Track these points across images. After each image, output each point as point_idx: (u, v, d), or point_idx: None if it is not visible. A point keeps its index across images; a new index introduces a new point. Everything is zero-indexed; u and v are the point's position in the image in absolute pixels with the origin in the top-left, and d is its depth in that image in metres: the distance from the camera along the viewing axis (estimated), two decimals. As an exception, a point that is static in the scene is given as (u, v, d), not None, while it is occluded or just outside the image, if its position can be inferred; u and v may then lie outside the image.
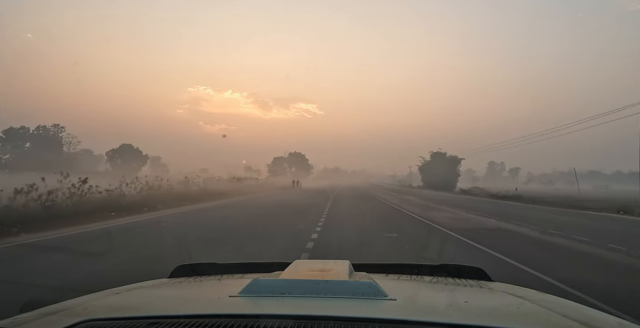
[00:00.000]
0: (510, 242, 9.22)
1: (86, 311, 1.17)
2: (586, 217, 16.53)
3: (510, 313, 1.21)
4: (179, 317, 1.01)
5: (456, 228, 11.03)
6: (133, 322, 1.00)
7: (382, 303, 1.15)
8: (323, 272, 1.41)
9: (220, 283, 1.62)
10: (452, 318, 1.05)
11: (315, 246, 7.71)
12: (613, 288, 5.12)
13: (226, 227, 11.55)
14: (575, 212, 19.01)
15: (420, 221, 13.28)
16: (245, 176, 53.62)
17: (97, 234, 9.54)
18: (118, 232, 10.06)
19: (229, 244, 8.18)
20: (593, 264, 6.91)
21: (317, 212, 15.26)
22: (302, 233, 9.48)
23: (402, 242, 8.64)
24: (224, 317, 1.00)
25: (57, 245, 8.10)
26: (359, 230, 10.79)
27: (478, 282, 1.63)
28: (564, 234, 10.14)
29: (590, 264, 6.91)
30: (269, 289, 1.21)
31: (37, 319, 1.10)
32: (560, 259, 7.35)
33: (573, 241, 9.14)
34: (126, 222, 11.82)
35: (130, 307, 1.30)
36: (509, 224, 12.49)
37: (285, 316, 1.00)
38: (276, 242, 8.48)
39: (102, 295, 1.44)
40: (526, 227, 11.70)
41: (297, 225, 11.34)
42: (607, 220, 15.63)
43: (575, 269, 6.44)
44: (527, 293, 1.51)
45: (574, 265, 6.75)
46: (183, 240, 8.49)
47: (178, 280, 1.67)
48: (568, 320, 1.10)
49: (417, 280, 1.63)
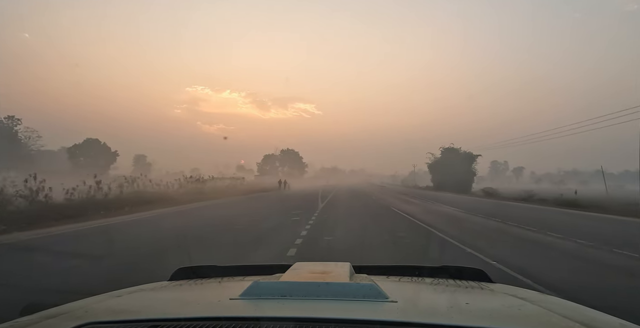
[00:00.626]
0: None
1: (87, 314, 1.18)
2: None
3: (512, 315, 1.21)
4: (179, 320, 1.02)
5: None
6: (134, 325, 1.01)
7: (383, 305, 1.15)
8: (324, 274, 1.40)
9: (220, 286, 1.62)
10: (454, 320, 1.05)
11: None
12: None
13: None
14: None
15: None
16: (232, 175, 48.15)
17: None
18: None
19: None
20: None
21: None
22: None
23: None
24: (225, 319, 1.00)
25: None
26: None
27: (479, 283, 1.61)
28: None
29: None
30: (270, 292, 1.21)
31: (38, 322, 1.10)
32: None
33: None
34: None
35: (131, 309, 1.30)
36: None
37: (286, 318, 1.00)
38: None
39: (103, 298, 1.44)
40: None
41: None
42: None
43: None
44: (528, 294, 1.49)
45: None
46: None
47: (179, 283, 1.67)
48: (569, 321, 1.09)
49: (418, 282, 1.62)
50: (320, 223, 12.01)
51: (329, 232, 10.19)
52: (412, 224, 12.41)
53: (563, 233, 10.10)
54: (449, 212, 17.89)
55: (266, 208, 19.09)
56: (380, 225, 12.38)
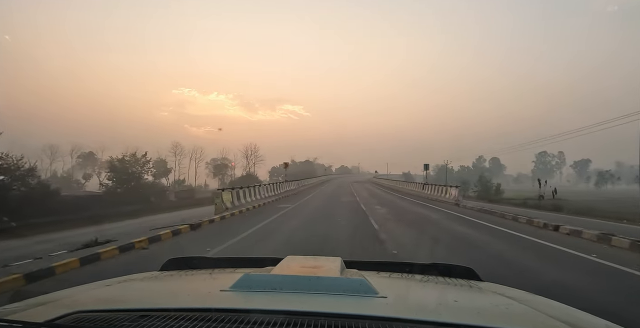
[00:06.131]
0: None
1: (75, 302, 1.16)
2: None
3: (499, 313, 1.21)
4: (169, 310, 1.00)
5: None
6: (122, 314, 0.99)
7: (373, 300, 1.15)
8: (315, 269, 1.41)
9: (211, 278, 1.62)
10: (442, 317, 1.05)
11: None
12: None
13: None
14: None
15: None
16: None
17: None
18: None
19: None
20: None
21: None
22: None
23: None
24: (215, 311, 1.00)
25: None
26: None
27: (468, 281, 1.62)
28: None
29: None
30: (260, 284, 1.21)
31: (26, 309, 1.08)
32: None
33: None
34: None
35: (119, 299, 1.28)
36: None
37: (276, 311, 0.99)
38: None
39: (91, 287, 1.43)
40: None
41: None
42: None
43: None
44: (516, 294, 1.49)
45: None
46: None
47: (169, 273, 1.67)
48: (555, 321, 1.10)
49: (408, 279, 1.62)
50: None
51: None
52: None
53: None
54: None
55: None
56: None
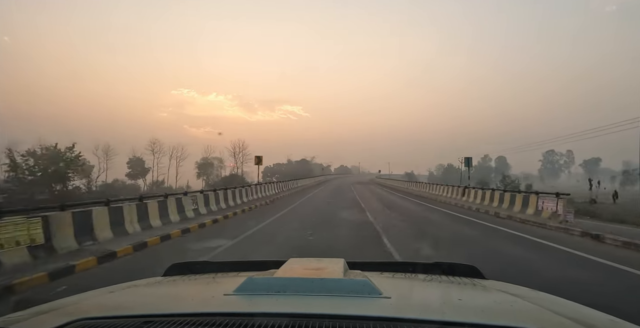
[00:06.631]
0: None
1: (79, 310, 1.16)
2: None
3: (504, 311, 1.20)
4: (173, 316, 1.00)
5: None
6: (126, 321, 0.98)
7: (377, 301, 1.15)
8: (318, 270, 1.40)
9: (214, 282, 1.62)
10: (446, 316, 1.05)
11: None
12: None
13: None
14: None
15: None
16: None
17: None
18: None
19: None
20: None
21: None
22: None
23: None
24: (219, 315, 0.99)
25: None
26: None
27: (471, 280, 1.62)
28: None
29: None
30: (264, 287, 1.21)
31: (29, 318, 1.07)
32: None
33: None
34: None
35: (123, 305, 1.28)
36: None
37: (280, 314, 0.99)
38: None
39: (95, 294, 1.42)
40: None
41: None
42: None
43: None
44: (520, 291, 1.49)
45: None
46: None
47: (172, 279, 1.67)
48: (561, 317, 1.09)
49: (411, 278, 1.62)
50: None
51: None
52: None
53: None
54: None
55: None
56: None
